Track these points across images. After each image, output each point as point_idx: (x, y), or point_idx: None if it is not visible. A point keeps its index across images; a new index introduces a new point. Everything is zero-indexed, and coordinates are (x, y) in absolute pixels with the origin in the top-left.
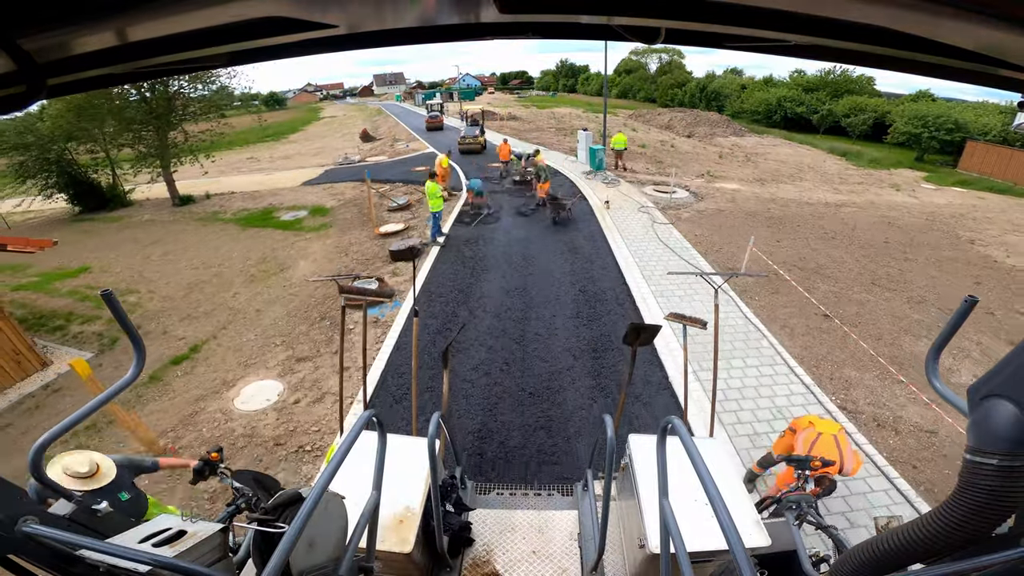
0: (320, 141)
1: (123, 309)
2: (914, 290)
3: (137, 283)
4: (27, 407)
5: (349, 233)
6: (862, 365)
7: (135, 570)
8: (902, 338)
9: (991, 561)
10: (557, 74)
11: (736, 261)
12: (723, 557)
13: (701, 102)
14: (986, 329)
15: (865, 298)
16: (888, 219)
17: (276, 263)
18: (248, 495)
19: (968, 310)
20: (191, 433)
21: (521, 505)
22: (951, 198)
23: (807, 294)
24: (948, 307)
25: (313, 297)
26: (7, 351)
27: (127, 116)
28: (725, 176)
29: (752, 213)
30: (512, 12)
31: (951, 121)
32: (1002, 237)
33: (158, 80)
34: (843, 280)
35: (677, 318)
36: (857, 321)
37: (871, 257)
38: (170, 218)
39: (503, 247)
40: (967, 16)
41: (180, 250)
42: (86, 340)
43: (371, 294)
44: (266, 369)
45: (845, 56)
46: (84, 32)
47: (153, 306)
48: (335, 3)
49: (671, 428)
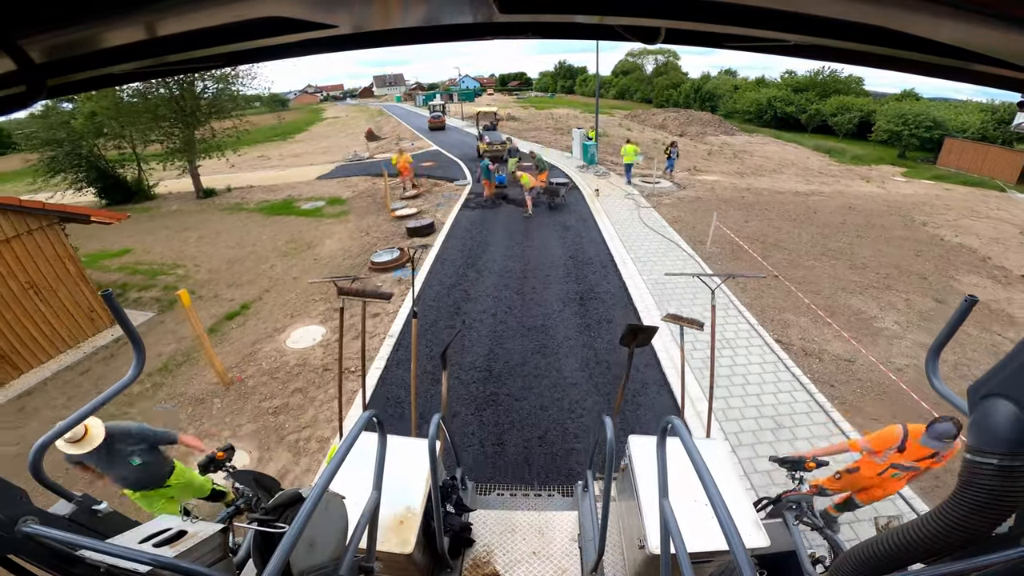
0: (326, 141)
1: (123, 310)
2: (858, 259)
3: (181, 260)
4: (101, 356)
5: (367, 218)
6: (800, 312)
7: (135, 570)
8: (838, 294)
9: (991, 561)
10: (555, 75)
11: (705, 236)
12: (723, 557)
13: (696, 103)
14: (916, 290)
15: (813, 264)
16: (850, 205)
17: (304, 242)
18: (248, 495)
19: (968, 310)
20: (252, 367)
21: (521, 506)
22: (918, 189)
23: (762, 260)
24: (885, 272)
25: (341, 266)
26: (84, 309)
27: (159, 114)
28: (709, 170)
29: (726, 200)
30: (512, 12)
31: (930, 119)
32: (956, 221)
33: (185, 80)
34: (796, 251)
35: (674, 319)
36: (802, 281)
37: (826, 235)
38: (196, 209)
39: (504, 226)
40: (967, 16)
41: (213, 234)
42: (145, 304)
43: (368, 295)
44: (309, 318)
45: (845, 56)
46: (84, 32)
47: (200, 277)
48: (335, 3)
49: (671, 428)
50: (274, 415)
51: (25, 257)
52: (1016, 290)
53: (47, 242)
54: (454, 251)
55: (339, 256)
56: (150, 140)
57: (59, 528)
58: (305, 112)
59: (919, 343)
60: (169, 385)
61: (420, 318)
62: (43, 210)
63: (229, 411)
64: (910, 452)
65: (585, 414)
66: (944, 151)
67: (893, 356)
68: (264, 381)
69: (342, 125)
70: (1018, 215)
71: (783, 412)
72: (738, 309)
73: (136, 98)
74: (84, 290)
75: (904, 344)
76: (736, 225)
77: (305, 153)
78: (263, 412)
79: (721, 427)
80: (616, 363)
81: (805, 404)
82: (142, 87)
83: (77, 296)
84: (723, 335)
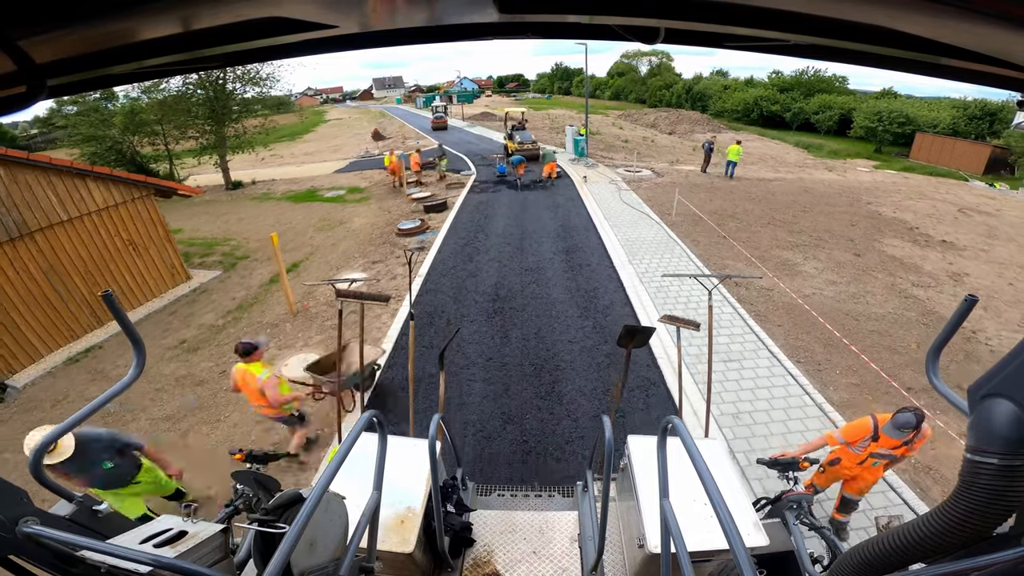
0: (334, 140)
1: (123, 310)
2: (797, 227)
3: (229, 235)
4: (183, 302)
5: (386, 201)
6: (738, 259)
7: (136, 571)
8: (773, 250)
9: (991, 561)
10: (552, 77)
11: (672, 211)
12: (722, 557)
13: (687, 102)
14: (840, 248)
15: (759, 230)
16: (806, 189)
17: (335, 220)
18: (248, 495)
19: (968, 310)
20: (312, 300)
21: (521, 506)
22: (878, 178)
23: (717, 227)
24: (817, 236)
25: (371, 235)
26: (167, 264)
27: (195, 113)
28: (687, 163)
29: (697, 184)
30: (511, 12)
31: (902, 116)
32: (900, 202)
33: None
34: (747, 221)
35: (671, 320)
36: (746, 241)
37: (776, 210)
38: (228, 199)
39: (506, 204)
40: (967, 16)
41: (251, 217)
42: (211, 265)
43: (366, 297)
44: (351, 269)
45: (845, 56)
46: (84, 32)
47: (251, 247)
48: (335, 3)
49: (671, 428)
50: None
51: (128, 220)
52: (931, 251)
53: (144, 209)
54: (465, 220)
55: (368, 228)
56: (186, 136)
57: (60, 528)
58: (307, 114)
59: (829, 281)
60: (246, 319)
61: (436, 285)
62: (144, 182)
63: (299, 330)
64: (883, 441)
65: (567, 321)
66: (916, 145)
67: (804, 288)
68: (323, 309)
69: (346, 126)
70: (963, 197)
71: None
72: (689, 257)
73: (179, 99)
74: (169, 249)
75: (816, 281)
76: (701, 202)
77: (317, 151)
78: (326, 328)
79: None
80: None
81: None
82: (183, 89)
83: (163, 254)
84: (689, 291)
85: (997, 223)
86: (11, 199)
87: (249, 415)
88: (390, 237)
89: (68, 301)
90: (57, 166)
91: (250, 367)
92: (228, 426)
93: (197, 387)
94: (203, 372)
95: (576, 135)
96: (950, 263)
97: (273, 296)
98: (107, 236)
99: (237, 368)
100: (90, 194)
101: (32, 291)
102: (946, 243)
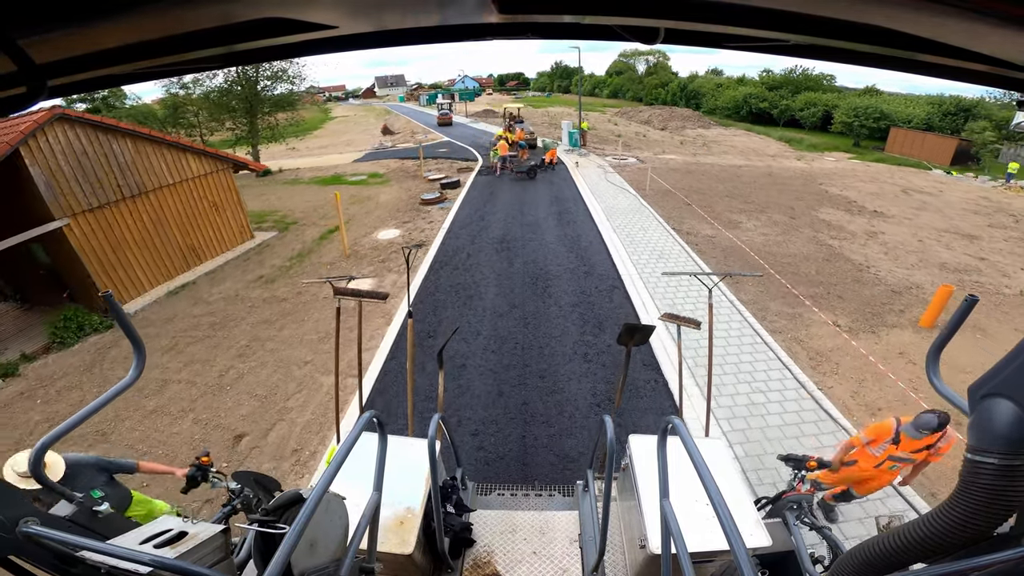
0: (345, 136)
1: (123, 311)
2: (751, 199)
3: (275, 209)
4: (252, 252)
5: (405, 183)
6: (695, 219)
7: (136, 571)
8: (725, 213)
9: (992, 561)
10: (552, 75)
11: (645, 187)
12: (723, 557)
13: (682, 100)
14: (779, 213)
15: (718, 201)
16: (770, 172)
17: (364, 196)
18: (247, 495)
19: (968, 309)
20: (359, 247)
21: (522, 506)
22: (841, 166)
23: (685, 198)
24: (764, 205)
25: (397, 206)
26: (238, 224)
27: (232, 107)
28: (671, 153)
29: (675, 169)
30: (511, 13)
31: (878, 111)
32: (850, 183)
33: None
34: (709, 195)
35: (671, 318)
36: (705, 207)
37: (737, 187)
38: (260, 183)
39: (508, 185)
40: (968, 16)
41: (287, 196)
42: (267, 229)
43: (364, 295)
44: (386, 228)
45: (845, 56)
46: (84, 32)
47: (295, 216)
48: (335, 4)
49: (672, 428)
50: (382, 263)
51: (213, 186)
52: (860, 217)
53: (225, 178)
54: (476, 194)
55: (394, 201)
56: (223, 128)
57: (60, 529)
58: (314, 111)
59: (761, 233)
60: (306, 263)
61: (457, 234)
62: (225, 157)
63: (353, 266)
64: (904, 444)
65: (557, 253)
66: (890, 139)
67: (741, 236)
68: (369, 252)
69: (354, 123)
70: (912, 181)
71: (666, 250)
72: (657, 219)
73: (222, 94)
74: (240, 212)
75: (752, 233)
76: (674, 181)
77: (331, 145)
78: (375, 262)
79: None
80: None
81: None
82: (225, 85)
83: (236, 216)
84: (647, 236)
85: (932, 200)
86: (135, 165)
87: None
88: (414, 206)
89: (168, 247)
90: (169, 141)
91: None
92: (312, 322)
93: (282, 303)
94: (282, 294)
95: (572, 128)
96: (872, 226)
97: (324, 247)
98: (198, 198)
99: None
100: (189, 165)
101: (144, 237)
102: (877, 212)
